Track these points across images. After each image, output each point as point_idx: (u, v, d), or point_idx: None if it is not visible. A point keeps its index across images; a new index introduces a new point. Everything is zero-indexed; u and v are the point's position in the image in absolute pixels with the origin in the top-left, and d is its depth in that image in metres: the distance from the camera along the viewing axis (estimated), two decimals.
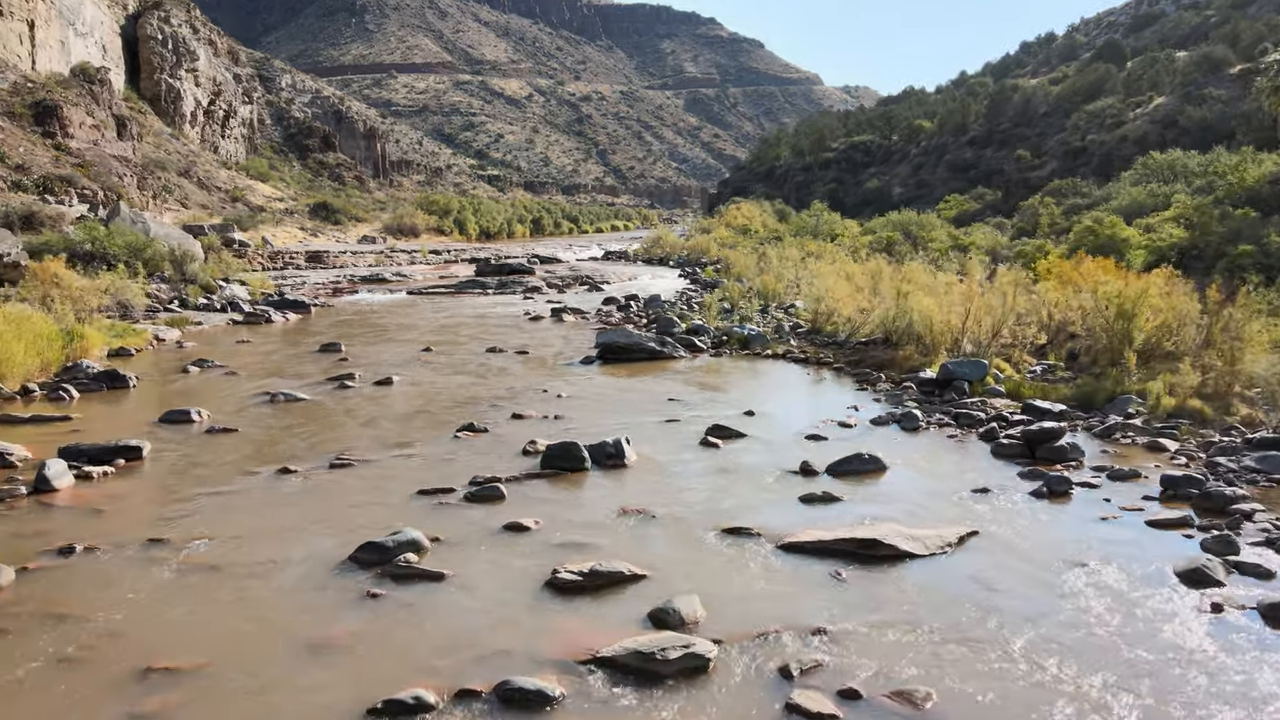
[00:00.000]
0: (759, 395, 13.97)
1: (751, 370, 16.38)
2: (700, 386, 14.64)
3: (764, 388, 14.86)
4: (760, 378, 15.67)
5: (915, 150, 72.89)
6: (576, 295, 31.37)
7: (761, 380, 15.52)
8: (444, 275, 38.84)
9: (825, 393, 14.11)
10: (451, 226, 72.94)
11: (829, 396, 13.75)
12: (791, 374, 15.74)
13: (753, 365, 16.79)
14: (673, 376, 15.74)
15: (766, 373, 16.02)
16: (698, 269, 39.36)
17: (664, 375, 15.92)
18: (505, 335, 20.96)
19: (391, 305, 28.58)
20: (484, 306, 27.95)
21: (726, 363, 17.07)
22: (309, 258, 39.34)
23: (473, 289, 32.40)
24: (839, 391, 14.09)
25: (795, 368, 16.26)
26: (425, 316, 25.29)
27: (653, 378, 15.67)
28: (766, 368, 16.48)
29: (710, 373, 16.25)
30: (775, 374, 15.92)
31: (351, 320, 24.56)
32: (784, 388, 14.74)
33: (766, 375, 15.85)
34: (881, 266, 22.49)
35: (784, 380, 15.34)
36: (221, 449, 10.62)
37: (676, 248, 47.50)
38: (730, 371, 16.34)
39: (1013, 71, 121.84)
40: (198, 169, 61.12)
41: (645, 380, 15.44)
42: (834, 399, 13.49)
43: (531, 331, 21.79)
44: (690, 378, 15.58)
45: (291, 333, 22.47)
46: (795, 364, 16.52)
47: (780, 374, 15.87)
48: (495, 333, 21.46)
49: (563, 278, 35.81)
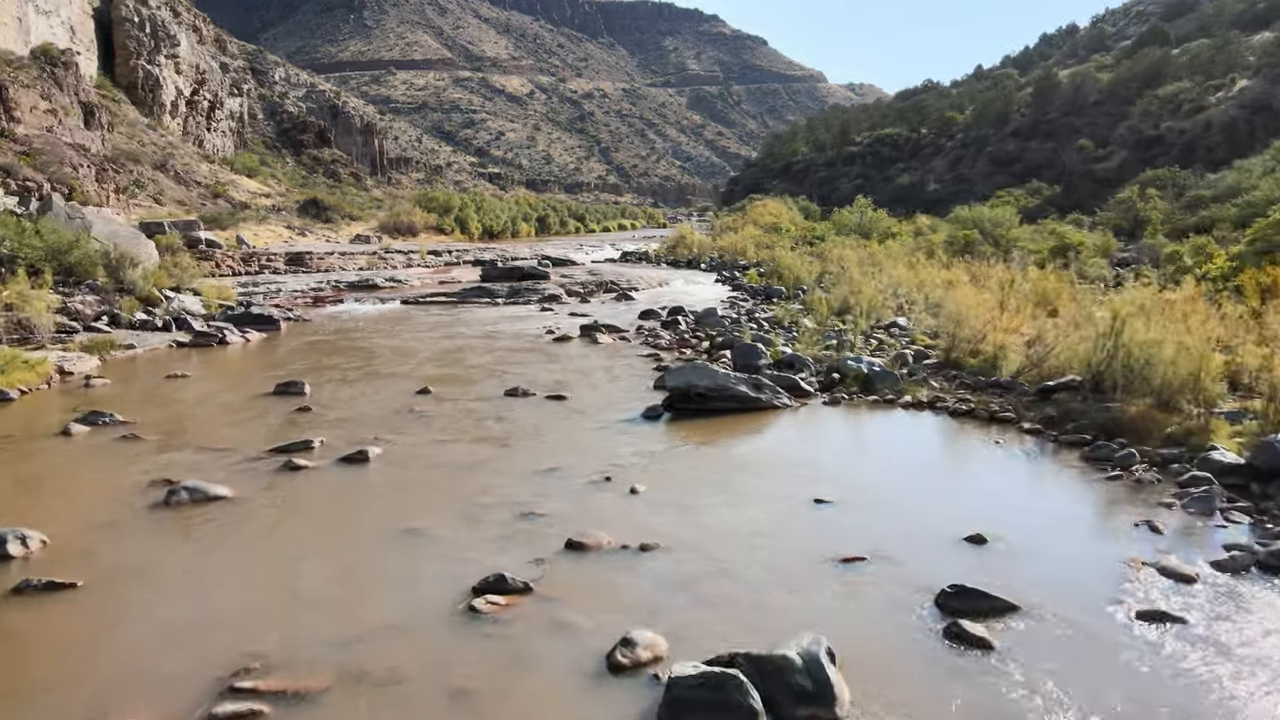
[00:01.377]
0: (958, 491, 8.76)
1: (899, 431, 11.19)
2: (846, 469, 9.46)
3: (951, 472, 9.59)
4: (925, 449, 10.44)
5: (951, 143, 67.71)
6: (604, 306, 26.21)
7: (930, 453, 10.29)
8: (445, 280, 33.68)
9: (1052, 485, 8.89)
10: (452, 225, 67.74)
11: (1066, 494, 8.55)
12: (968, 441, 10.51)
13: (893, 421, 11.60)
14: (790, 445, 10.57)
15: (926, 438, 10.80)
16: (737, 273, 34.22)
17: (773, 440, 10.77)
18: (527, 366, 15.80)
19: (381, 319, 23.42)
20: (494, 321, 22.80)
21: (852, 416, 11.89)
22: (290, 260, 34.17)
23: (479, 298, 27.25)
24: (1070, 480, 8.89)
25: (961, 427, 11.06)
26: (422, 336, 20.12)
27: (759, 446, 10.53)
28: (917, 426, 11.27)
29: (842, 436, 11.11)
30: (940, 439, 10.71)
31: (329, 341, 19.39)
32: (986, 473, 9.41)
33: (929, 442, 10.63)
34: (1011, 275, 17.35)
35: (966, 454, 10.10)
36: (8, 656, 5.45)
37: (705, 248, 42.34)
38: (869, 435, 11.15)
39: (1036, 64, 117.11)
40: (175, 162, 55.95)
41: (751, 451, 10.29)
42: (1079, 500, 8.32)
43: (561, 360, 16.61)
44: (817, 448, 10.41)
45: (247, 361, 17.31)
46: (955, 419, 11.33)
47: (949, 440, 10.65)
48: (513, 361, 16.29)
49: (583, 283, 30.64)
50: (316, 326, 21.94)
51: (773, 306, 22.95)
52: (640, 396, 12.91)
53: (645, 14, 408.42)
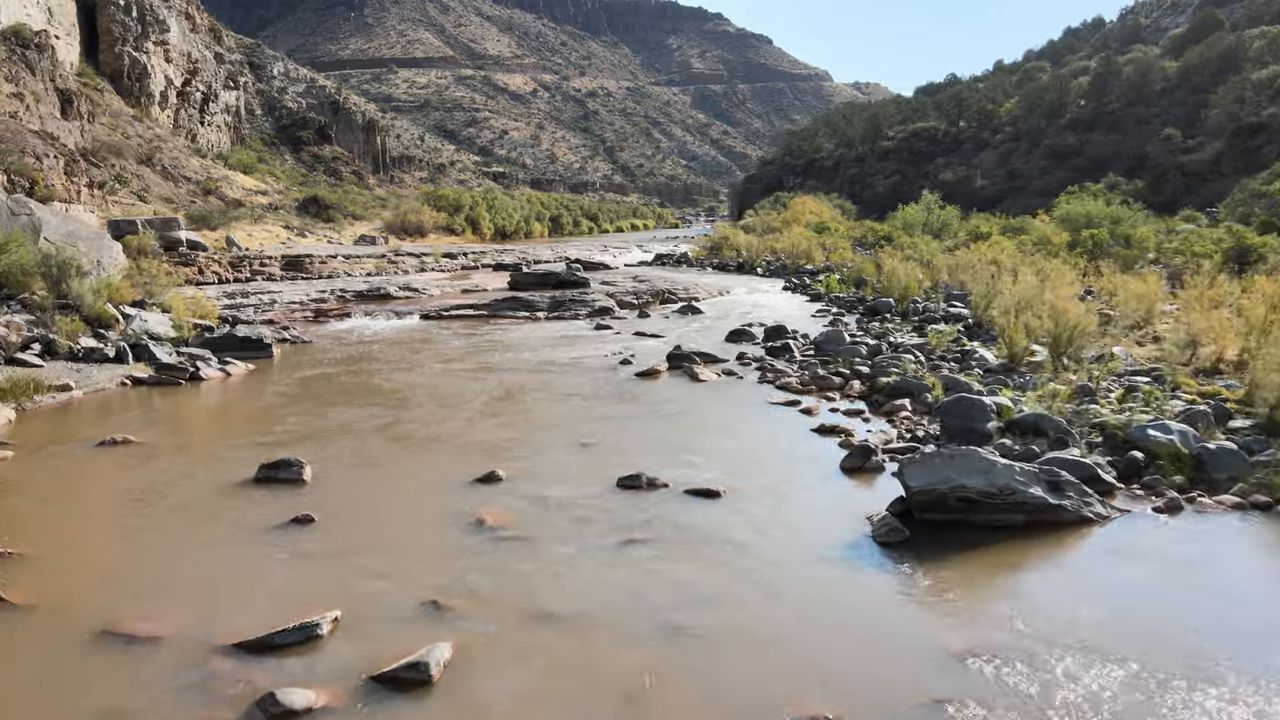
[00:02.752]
0: None
1: None
2: None
3: None
4: None
5: (1000, 137, 62.81)
6: (670, 322, 21.41)
7: None
8: (467, 288, 28.91)
9: None
10: (463, 225, 62.97)
11: None
12: None
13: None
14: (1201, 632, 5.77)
15: None
16: (806, 278, 29.48)
17: (1148, 611, 5.98)
18: (620, 422, 11.02)
19: (400, 340, 18.64)
20: (543, 343, 18.02)
21: (1225, 539, 7.07)
22: (287, 264, 29.36)
23: (514, 311, 22.44)
24: None
25: None
26: (457, 368, 15.32)
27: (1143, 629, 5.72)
28: None
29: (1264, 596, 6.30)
30: None
31: (336, 377, 14.59)
32: None
33: None
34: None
35: None
36: None
37: (755, 250, 37.50)
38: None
39: (1063, 58, 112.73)
40: (163, 156, 51.14)
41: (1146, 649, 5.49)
42: None
43: (662, 409, 11.81)
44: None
45: (223, 412, 12.53)
46: None
47: None
48: (596, 414, 11.50)
49: (633, 293, 25.85)
50: (319, 352, 17.15)
51: (893, 325, 18.18)
52: (828, 483, 8.15)
53: (648, 12, 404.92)
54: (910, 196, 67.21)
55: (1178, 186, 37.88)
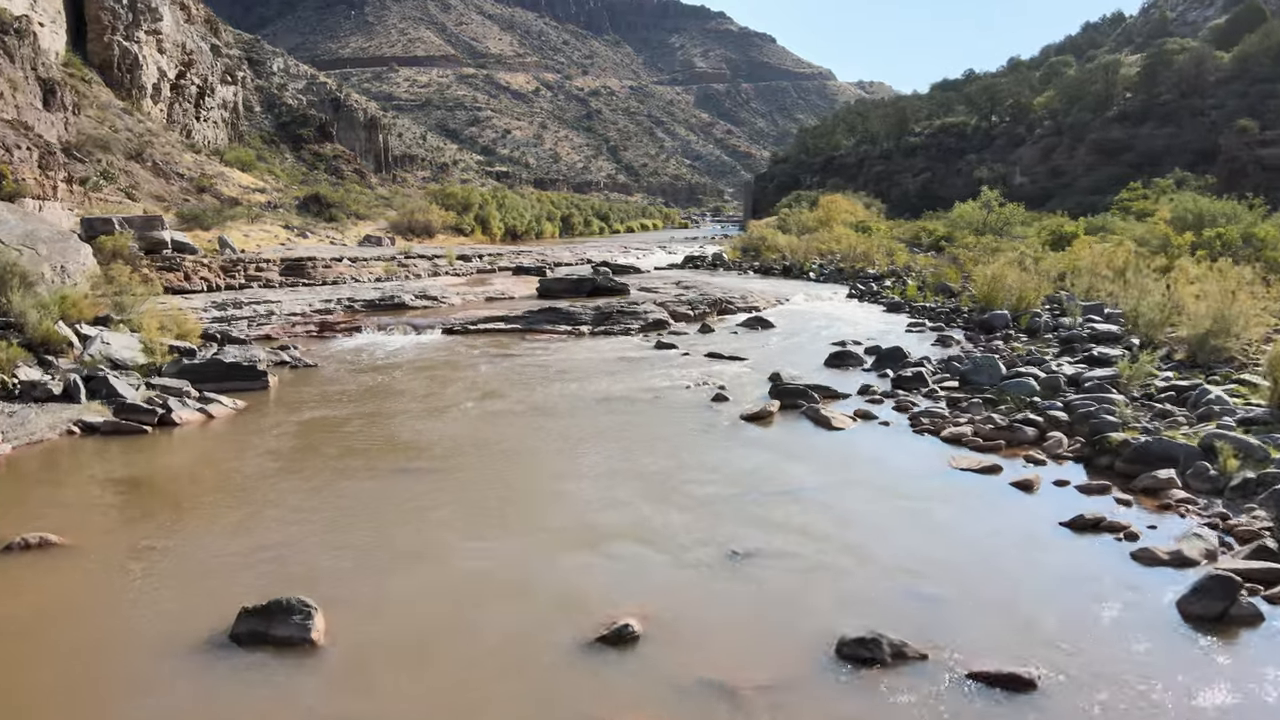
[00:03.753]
0: None
1: None
2: None
3: None
4: None
5: (1039, 131, 59.39)
6: (741, 338, 18.00)
7: None
8: (490, 295, 25.54)
9: None
10: (473, 225, 59.57)
11: None
12: None
13: None
14: None
15: None
16: (871, 284, 26.11)
17: None
18: (761, 507, 7.63)
19: (424, 364, 15.25)
20: (599, 369, 14.63)
21: None
22: (287, 269, 25.94)
23: (553, 325, 19.05)
24: None
25: None
26: (502, 411, 11.92)
27: None
28: None
29: None
30: None
31: (345, 424, 11.17)
32: None
33: None
34: None
35: None
36: None
37: (802, 252, 34.05)
38: None
39: (1086, 52, 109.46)
40: (154, 151, 47.77)
41: None
42: None
43: (816, 489, 8.39)
44: None
45: (194, 484, 9.09)
46: None
47: None
48: (716, 492, 8.10)
49: (687, 302, 22.42)
50: (325, 381, 13.76)
51: (1029, 346, 14.79)
52: (1182, 649, 4.81)
53: (650, 11, 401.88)
54: (942, 194, 63.80)
55: (1258, 181, 34.60)
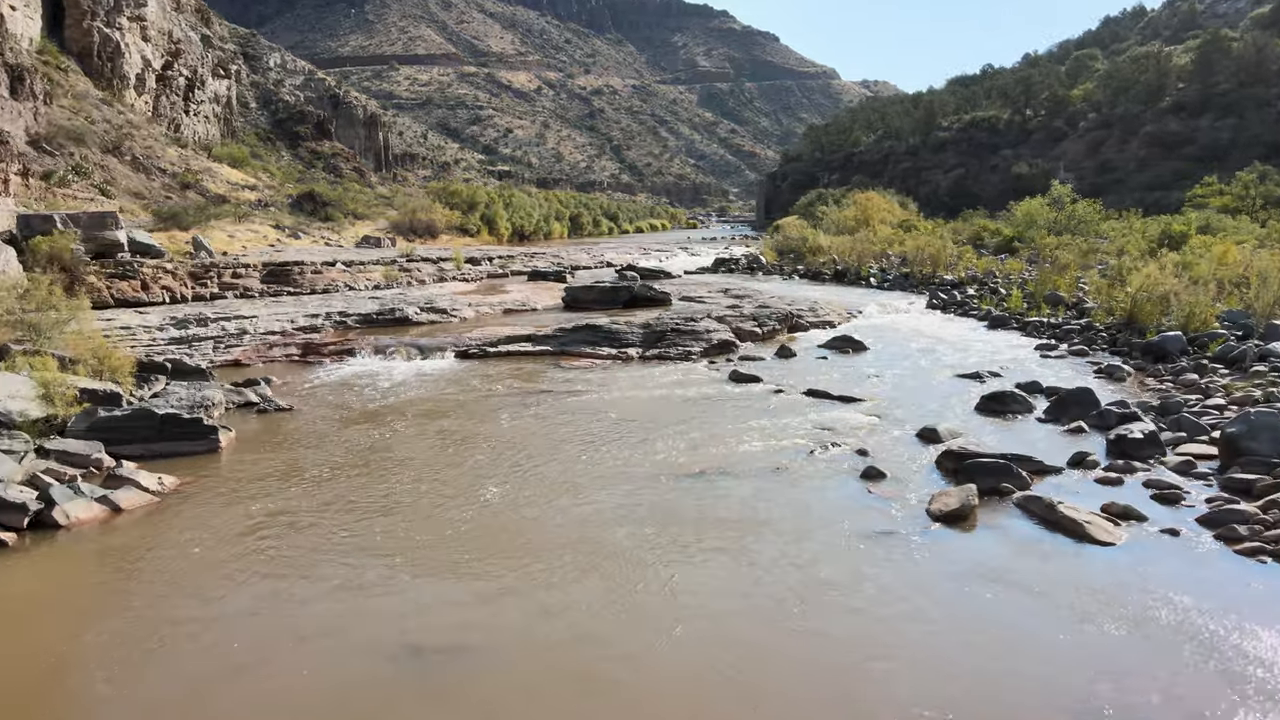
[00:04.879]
0: None
1: None
2: None
3: None
4: None
5: (1084, 124, 55.58)
6: (834, 364, 14.22)
7: None
8: (508, 305, 21.76)
9: None
10: (478, 224, 55.81)
11: None
12: None
13: None
14: None
15: None
16: (954, 292, 22.32)
17: None
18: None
19: (432, 408, 11.47)
20: (669, 415, 10.84)
21: None
22: (269, 275, 22.13)
23: (593, 346, 15.28)
24: None
25: None
26: (542, 492, 8.13)
27: None
28: None
29: None
30: None
31: (317, 522, 7.40)
32: None
33: None
34: None
35: None
36: None
37: (857, 254, 30.23)
38: None
39: (1110, 46, 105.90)
40: (134, 145, 44.01)
41: None
42: None
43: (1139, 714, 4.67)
44: None
45: (57, 677, 5.32)
46: None
47: None
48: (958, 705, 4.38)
49: (751, 316, 18.63)
50: (300, 440, 9.96)
51: (1231, 381, 11.03)
52: None
53: (653, 9, 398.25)
54: (975, 191, 60.08)
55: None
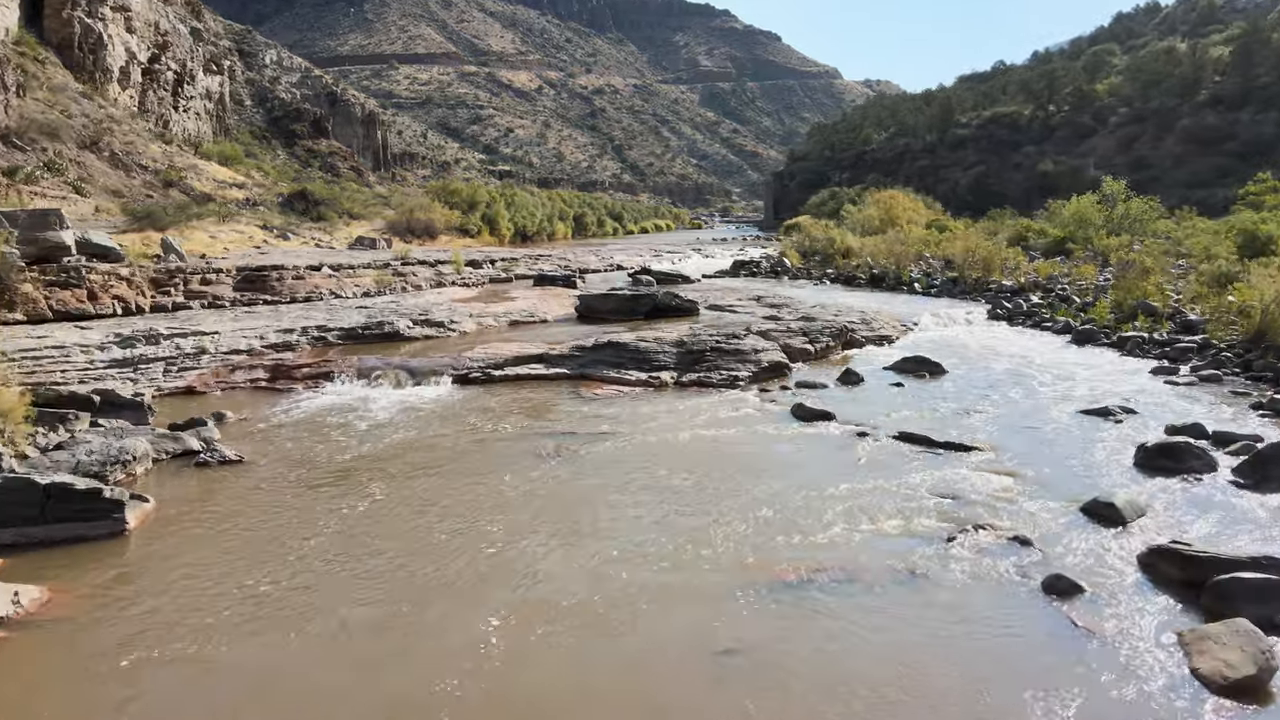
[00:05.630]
0: None
1: None
2: None
3: None
4: None
5: (1115, 119, 53.01)
6: (911, 393, 11.63)
7: None
8: (515, 318, 19.15)
9: None
10: (479, 225, 53.23)
11: None
12: None
13: None
14: None
15: None
16: (1017, 300, 19.68)
17: None
18: None
19: (421, 458, 8.87)
20: (725, 471, 8.25)
21: None
22: (244, 281, 19.56)
23: (618, 370, 12.69)
24: None
25: None
26: (604, 624, 5.57)
27: None
28: None
29: None
30: None
31: (253, 700, 4.85)
32: None
33: None
34: None
35: None
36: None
37: (893, 257, 27.59)
38: None
39: (1124, 42, 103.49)
40: (114, 140, 41.46)
41: None
42: None
43: None
44: None
45: None
46: None
47: None
48: None
49: (800, 332, 16.02)
50: (244, 512, 7.35)
51: None
52: None
53: (654, 9, 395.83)
54: (997, 189, 57.50)
55: None
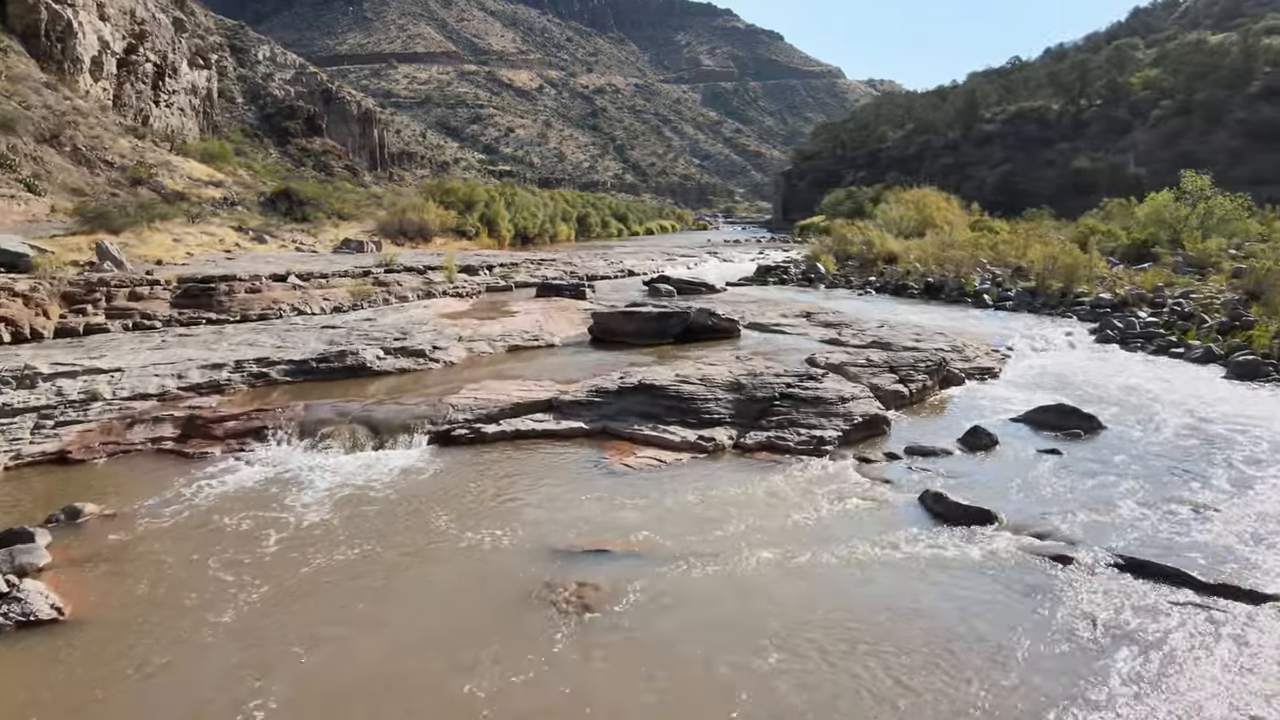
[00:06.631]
0: None
1: None
2: None
3: None
4: None
5: (1157, 112, 49.52)
6: (1093, 478, 8.18)
7: None
8: (515, 342, 15.60)
9: None
10: (477, 226, 49.71)
11: None
12: None
13: None
14: None
15: None
16: (1129, 317, 16.17)
17: None
18: None
19: (364, 610, 5.37)
20: (884, 681, 4.76)
21: None
22: (185, 295, 16.09)
23: (654, 427, 9.21)
24: None
25: None
26: None
27: None
28: None
29: None
30: None
31: None
32: None
33: None
34: None
35: None
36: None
37: (944, 262, 24.06)
38: None
39: (1148, 35, 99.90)
40: (77, 134, 37.96)
41: None
42: None
43: None
44: None
45: None
46: None
47: None
48: None
49: (888, 366, 12.50)
50: None
51: None
52: None
53: (655, 8, 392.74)
54: (1026, 188, 54.01)
55: None
